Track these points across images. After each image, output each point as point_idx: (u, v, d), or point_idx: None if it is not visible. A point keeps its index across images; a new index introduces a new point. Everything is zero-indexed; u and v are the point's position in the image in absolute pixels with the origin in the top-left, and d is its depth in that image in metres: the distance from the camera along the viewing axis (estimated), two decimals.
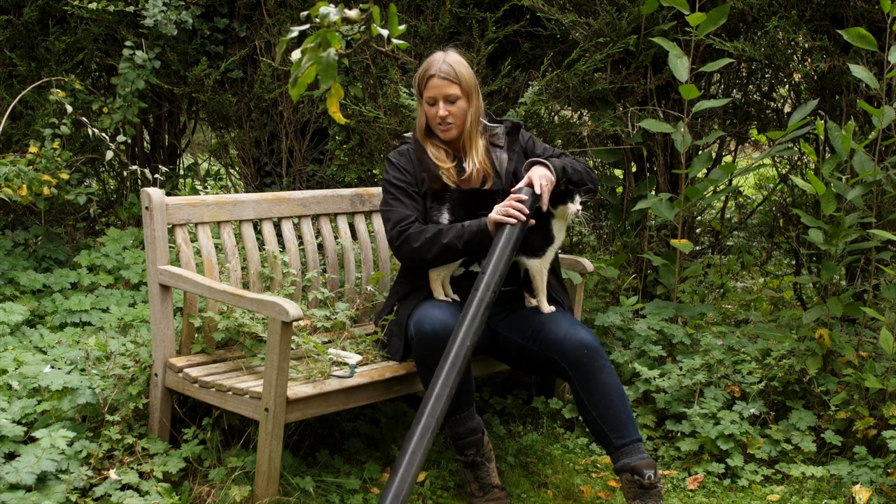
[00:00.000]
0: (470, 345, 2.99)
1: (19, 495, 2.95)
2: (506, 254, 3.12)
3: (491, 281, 3.08)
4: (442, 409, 2.89)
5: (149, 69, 4.70)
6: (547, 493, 3.43)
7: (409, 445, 2.81)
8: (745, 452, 3.61)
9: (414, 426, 2.85)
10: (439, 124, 3.34)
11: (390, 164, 3.42)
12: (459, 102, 3.31)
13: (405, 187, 3.36)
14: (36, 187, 4.35)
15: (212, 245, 3.45)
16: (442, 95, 3.29)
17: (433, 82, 3.29)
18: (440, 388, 2.91)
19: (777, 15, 4.13)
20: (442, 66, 3.29)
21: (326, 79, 1.89)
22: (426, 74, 3.31)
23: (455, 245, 3.23)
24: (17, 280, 4.42)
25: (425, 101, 3.34)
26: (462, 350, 2.97)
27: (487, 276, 3.08)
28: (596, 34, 4.29)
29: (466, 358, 2.98)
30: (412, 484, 2.77)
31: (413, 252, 3.27)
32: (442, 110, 3.30)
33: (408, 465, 2.77)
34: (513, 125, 3.49)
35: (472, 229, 3.23)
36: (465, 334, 2.99)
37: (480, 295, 3.05)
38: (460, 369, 2.95)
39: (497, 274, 3.09)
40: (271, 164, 5.12)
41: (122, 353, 3.52)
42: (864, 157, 3.65)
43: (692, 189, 4.11)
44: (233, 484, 3.12)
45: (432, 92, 3.30)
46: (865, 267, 4.27)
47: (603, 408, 3.18)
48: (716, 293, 5.12)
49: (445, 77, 3.28)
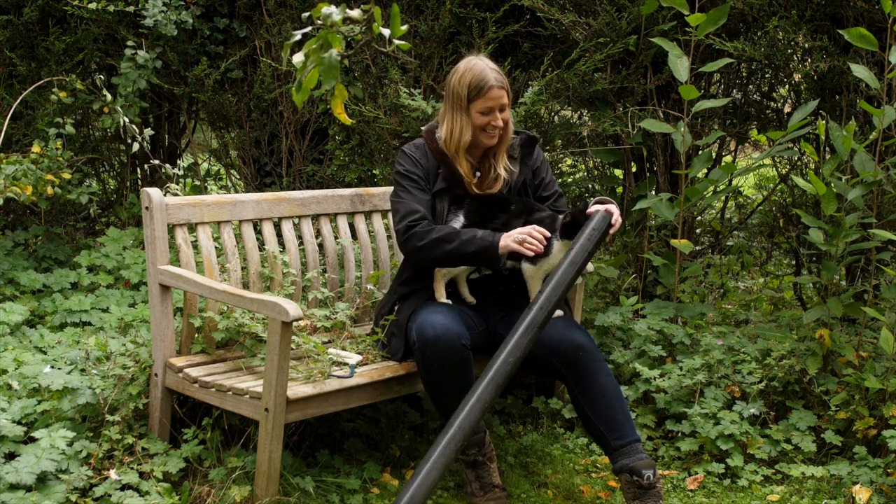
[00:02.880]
0: (514, 361, 2.96)
1: (19, 495, 2.95)
2: (566, 280, 3.07)
3: (547, 304, 3.03)
4: (471, 422, 2.86)
5: (150, 69, 4.70)
6: (547, 493, 3.43)
7: (433, 452, 2.79)
8: (745, 452, 3.61)
9: (440, 436, 2.83)
10: (488, 132, 3.32)
11: (404, 155, 3.40)
12: (507, 111, 3.34)
13: (417, 180, 3.35)
14: (41, 187, 4.35)
15: (212, 245, 3.45)
16: (499, 105, 3.29)
17: (493, 93, 3.27)
18: (474, 401, 2.88)
19: (777, 15, 4.13)
20: (496, 75, 3.29)
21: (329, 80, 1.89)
22: (483, 84, 3.26)
23: (462, 252, 3.22)
24: (17, 280, 4.42)
25: (478, 110, 3.29)
26: (504, 366, 2.94)
27: (545, 296, 3.04)
28: (596, 34, 4.29)
29: (506, 374, 2.95)
30: (430, 492, 2.75)
31: (417, 250, 3.26)
32: (499, 120, 3.30)
33: (427, 473, 2.74)
34: (528, 138, 3.49)
35: (483, 243, 3.20)
36: (512, 349, 2.97)
37: (534, 314, 3.02)
38: (498, 385, 2.93)
39: (557, 296, 3.05)
40: (271, 164, 5.12)
41: (122, 353, 3.51)
42: (865, 157, 3.65)
43: (692, 189, 4.11)
44: (233, 484, 3.12)
45: (491, 102, 3.27)
46: (866, 267, 4.27)
47: (600, 409, 3.19)
48: (716, 293, 5.12)
49: (502, 86, 3.29)
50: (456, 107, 3.32)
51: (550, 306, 3.03)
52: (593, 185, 5.20)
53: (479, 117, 3.30)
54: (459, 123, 3.32)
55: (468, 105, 3.29)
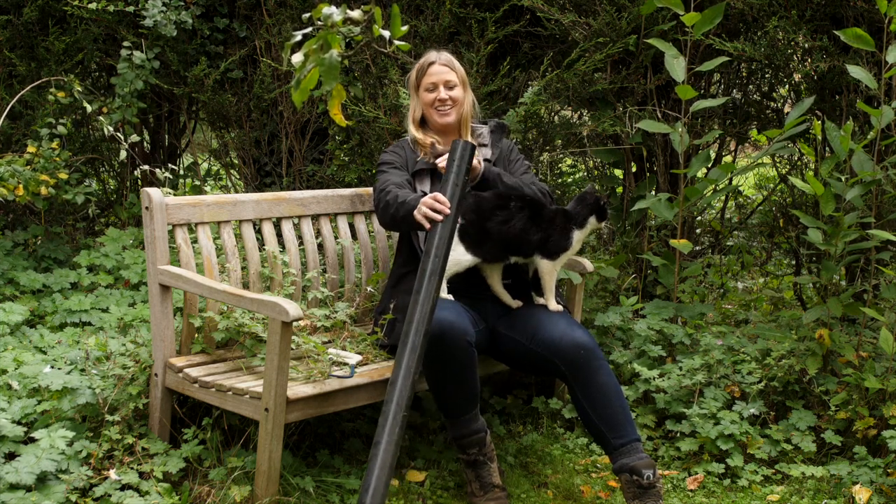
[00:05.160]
0: (426, 329, 2.97)
1: (19, 495, 2.95)
2: (442, 250, 3.12)
3: (436, 267, 3.08)
4: (407, 395, 2.85)
5: (148, 69, 4.70)
6: (547, 493, 3.44)
7: (381, 437, 2.77)
8: (745, 452, 3.61)
9: (382, 419, 2.81)
10: (438, 108, 3.54)
11: (385, 151, 3.63)
12: (457, 89, 3.55)
13: (394, 161, 3.56)
14: (33, 187, 4.34)
15: (212, 245, 3.45)
16: (442, 81, 3.53)
17: (434, 68, 3.54)
18: (402, 375, 2.88)
19: (777, 15, 4.12)
20: (440, 55, 3.57)
21: (329, 80, 1.89)
22: (425, 63, 3.56)
23: (398, 216, 3.30)
24: (16, 280, 4.42)
25: (424, 88, 3.56)
26: (419, 336, 2.95)
27: (431, 262, 3.08)
28: (596, 34, 4.29)
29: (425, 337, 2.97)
30: (390, 477, 2.75)
31: (379, 216, 3.44)
32: (443, 93, 3.53)
33: (383, 459, 2.74)
34: (497, 125, 3.69)
35: (405, 208, 3.26)
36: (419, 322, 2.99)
37: (427, 284, 3.04)
38: (420, 353, 2.93)
39: (441, 259, 3.11)
40: (271, 164, 5.12)
41: (122, 353, 3.51)
42: (863, 157, 3.65)
43: (691, 189, 4.11)
44: (233, 484, 3.12)
45: (433, 78, 3.53)
46: (865, 267, 4.27)
47: (601, 408, 3.19)
48: (716, 293, 5.12)
49: (445, 64, 3.55)
50: (412, 92, 3.62)
51: (443, 255, 3.09)
52: (593, 185, 5.19)
53: (426, 95, 3.56)
54: (412, 104, 3.62)
55: (417, 86, 3.58)
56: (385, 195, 3.37)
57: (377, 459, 2.74)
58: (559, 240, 3.37)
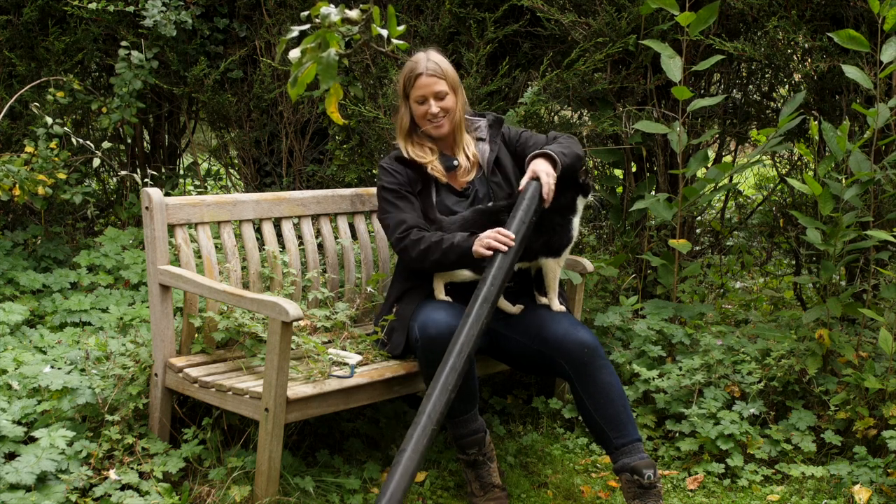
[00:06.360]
0: (469, 352, 2.97)
1: (19, 495, 2.95)
2: (499, 279, 3.10)
3: (490, 294, 3.05)
4: (440, 410, 2.87)
5: (147, 69, 4.70)
6: (547, 493, 3.44)
7: (407, 446, 2.80)
8: (745, 452, 3.61)
9: (412, 429, 2.83)
10: (430, 121, 3.39)
11: (382, 169, 3.45)
12: (448, 98, 3.38)
13: (398, 189, 3.39)
14: (30, 186, 4.34)
15: (212, 245, 3.45)
16: (432, 93, 3.36)
17: (422, 80, 3.35)
18: (439, 391, 2.89)
19: (777, 15, 4.13)
20: (428, 64, 3.36)
21: (326, 79, 1.89)
22: (413, 74, 3.37)
23: (447, 260, 3.25)
24: (16, 280, 4.42)
25: (413, 100, 3.39)
26: (461, 357, 2.94)
27: (486, 289, 3.05)
28: (596, 34, 4.29)
29: (468, 360, 2.97)
30: (409, 485, 2.76)
31: (412, 261, 3.32)
32: (434, 107, 3.36)
33: (405, 467, 2.76)
34: (495, 119, 3.56)
35: (460, 251, 3.22)
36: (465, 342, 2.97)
37: (478, 308, 3.03)
38: (461, 372, 2.94)
39: (497, 288, 3.07)
40: (271, 164, 5.12)
41: (122, 353, 3.52)
42: (861, 157, 3.65)
43: (690, 189, 4.11)
44: (233, 484, 3.12)
45: (422, 91, 3.36)
46: (865, 267, 4.27)
47: (603, 407, 3.19)
48: (715, 293, 5.12)
49: (433, 74, 3.35)
50: (401, 99, 3.44)
51: (499, 284, 3.06)
52: (593, 185, 5.19)
53: (416, 107, 3.39)
54: (402, 111, 3.43)
55: (407, 97, 3.41)
56: (418, 243, 3.25)
57: (400, 466, 2.75)
58: (561, 236, 3.37)
